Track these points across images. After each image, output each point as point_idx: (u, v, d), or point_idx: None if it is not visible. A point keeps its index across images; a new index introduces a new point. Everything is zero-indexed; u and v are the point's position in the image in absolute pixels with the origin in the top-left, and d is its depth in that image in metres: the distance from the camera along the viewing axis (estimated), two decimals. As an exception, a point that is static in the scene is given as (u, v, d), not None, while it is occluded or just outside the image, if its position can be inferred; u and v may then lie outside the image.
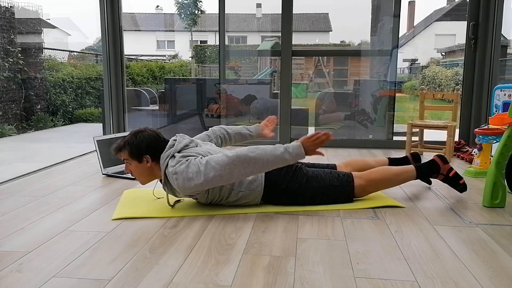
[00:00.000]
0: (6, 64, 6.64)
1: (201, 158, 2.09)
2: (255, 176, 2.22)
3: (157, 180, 2.29)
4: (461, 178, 2.48)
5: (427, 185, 2.74)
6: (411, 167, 2.47)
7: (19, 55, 6.99)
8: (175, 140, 2.22)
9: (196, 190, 2.10)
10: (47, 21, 9.44)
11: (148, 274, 1.52)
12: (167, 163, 2.12)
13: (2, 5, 6.70)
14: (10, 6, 6.91)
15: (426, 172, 2.49)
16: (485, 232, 1.95)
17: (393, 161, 2.74)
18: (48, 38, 9.14)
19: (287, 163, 2.09)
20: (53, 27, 10.91)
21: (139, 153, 2.20)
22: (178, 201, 2.36)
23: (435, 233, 1.93)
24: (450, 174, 2.47)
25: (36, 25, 7.74)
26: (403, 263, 1.61)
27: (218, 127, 2.61)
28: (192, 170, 2.04)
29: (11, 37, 6.87)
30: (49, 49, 8.47)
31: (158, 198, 2.40)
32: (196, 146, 2.22)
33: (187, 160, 2.08)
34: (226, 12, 4.37)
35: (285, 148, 2.06)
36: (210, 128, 2.61)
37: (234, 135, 2.62)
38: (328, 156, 3.74)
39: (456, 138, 3.89)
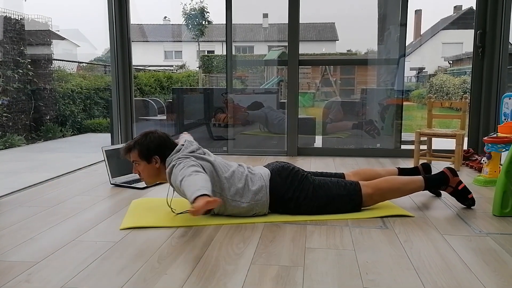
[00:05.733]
0: (16, 75, 6.70)
1: (190, 161, 2.10)
2: (259, 187, 2.22)
3: (168, 188, 2.29)
4: (470, 192, 2.46)
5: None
6: (419, 177, 2.45)
7: (29, 66, 7.07)
8: (183, 145, 2.24)
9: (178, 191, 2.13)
10: (57, 32, 9.55)
11: (156, 284, 1.52)
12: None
13: (12, 17, 6.80)
14: (20, 18, 7.00)
15: (435, 183, 2.47)
16: (495, 241, 1.93)
17: (402, 171, 2.72)
18: (57, 49, 9.24)
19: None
20: (62, 38, 11.04)
21: (149, 153, 2.23)
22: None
23: (444, 242, 1.92)
24: (459, 187, 2.44)
25: (46, 36, 7.83)
26: (413, 273, 1.60)
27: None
28: (178, 168, 2.07)
29: (21, 48, 6.95)
30: (58, 60, 8.55)
31: (173, 211, 2.33)
32: (204, 154, 2.24)
33: (181, 161, 2.11)
34: (233, 23, 4.39)
35: (200, 189, 1.87)
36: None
37: None
38: (336, 165, 3.73)
39: (465, 147, 3.86)
